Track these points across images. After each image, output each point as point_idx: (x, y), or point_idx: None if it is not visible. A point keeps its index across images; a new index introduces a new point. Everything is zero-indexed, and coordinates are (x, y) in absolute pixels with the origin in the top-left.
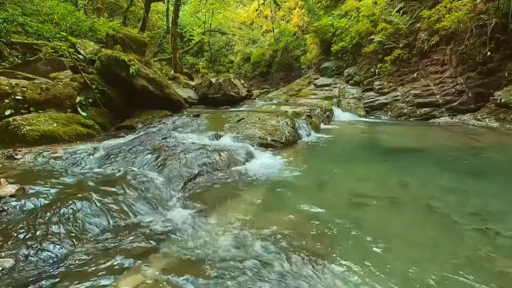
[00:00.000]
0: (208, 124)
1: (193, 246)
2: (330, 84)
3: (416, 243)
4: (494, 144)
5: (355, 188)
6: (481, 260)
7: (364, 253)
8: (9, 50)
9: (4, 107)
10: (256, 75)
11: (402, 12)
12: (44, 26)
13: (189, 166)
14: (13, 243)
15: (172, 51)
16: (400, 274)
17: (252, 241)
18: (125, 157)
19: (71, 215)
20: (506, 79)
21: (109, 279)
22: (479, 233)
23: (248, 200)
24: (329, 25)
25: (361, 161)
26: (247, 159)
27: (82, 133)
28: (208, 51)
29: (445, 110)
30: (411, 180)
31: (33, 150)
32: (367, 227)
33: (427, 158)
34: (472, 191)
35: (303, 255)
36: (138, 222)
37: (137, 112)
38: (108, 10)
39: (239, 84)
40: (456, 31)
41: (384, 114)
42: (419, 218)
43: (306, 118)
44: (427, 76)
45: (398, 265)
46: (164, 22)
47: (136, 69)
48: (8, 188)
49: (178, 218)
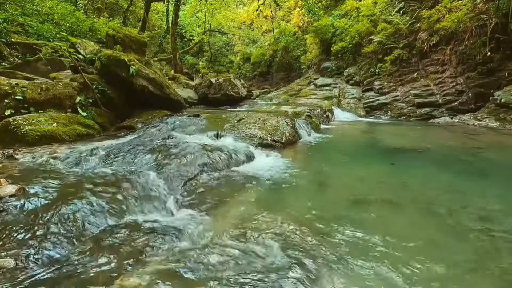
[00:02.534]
0: (208, 124)
1: (193, 247)
2: (330, 84)
3: (416, 243)
4: (494, 144)
5: (355, 188)
6: (482, 260)
7: (364, 253)
8: (9, 50)
9: (4, 107)
10: (256, 75)
11: (402, 12)
12: (44, 26)
13: (189, 166)
14: (13, 243)
15: (172, 51)
16: (400, 274)
17: (252, 241)
18: (125, 157)
19: (71, 215)
20: (506, 79)
21: (108, 279)
22: (480, 233)
23: (248, 200)
24: (329, 25)
25: (361, 161)
26: (247, 159)
27: (82, 133)
28: (208, 51)
29: (445, 110)
30: (411, 180)
31: (33, 150)
32: (367, 227)
33: (427, 158)
34: (472, 191)
35: (303, 255)
36: (138, 222)
37: (137, 112)
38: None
39: (239, 84)
40: (456, 31)
41: (384, 114)
42: (419, 218)
43: (306, 118)
44: (427, 76)
45: (398, 265)
46: (164, 22)
47: (136, 69)
48: (8, 188)
49: (178, 218)
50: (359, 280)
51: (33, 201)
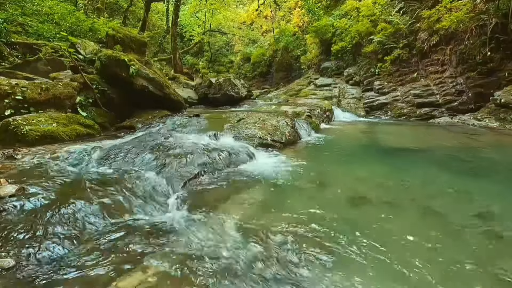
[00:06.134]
0: (208, 124)
1: (193, 247)
2: (330, 84)
3: (416, 243)
4: (494, 144)
5: (355, 188)
6: (482, 261)
7: (365, 253)
8: (9, 50)
9: (4, 107)
10: (256, 75)
11: (402, 12)
12: (44, 26)
13: (189, 166)
14: (13, 243)
15: (172, 51)
16: (400, 274)
17: (251, 242)
18: (125, 157)
19: (71, 215)
20: (506, 79)
21: (108, 279)
22: (480, 234)
23: (248, 200)
24: (329, 25)
25: (361, 161)
26: (247, 159)
27: (82, 133)
28: (208, 51)
29: (445, 110)
30: (411, 180)
31: (33, 150)
32: (367, 227)
33: (427, 158)
34: (472, 191)
35: (302, 255)
36: (138, 222)
37: (137, 112)
38: (108, 10)
39: (239, 84)
40: (456, 31)
41: (384, 114)
42: (420, 219)
43: (306, 118)
44: (427, 76)
45: (399, 266)
46: (164, 22)
47: (136, 69)
48: (8, 188)
49: (178, 218)
50: (359, 281)
51: (33, 201)
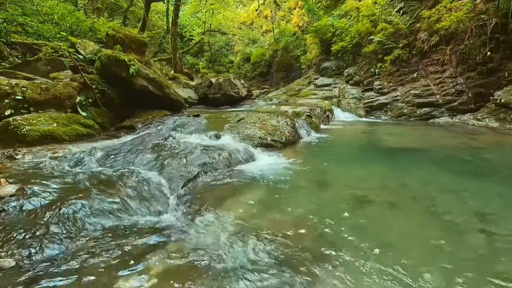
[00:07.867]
0: (208, 124)
1: (193, 247)
2: (330, 84)
3: (416, 244)
4: (494, 144)
5: (355, 188)
6: (482, 261)
7: (365, 254)
8: (9, 50)
9: (4, 107)
10: (256, 75)
11: (402, 12)
12: (44, 26)
13: (189, 166)
14: (13, 243)
15: (172, 51)
16: (400, 275)
17: (252, 242)
18: (125, 157)
19: (71, 215)
20: (506, 79)
21: (108, 280)
22: (480, 234)
23: (248, 200)
24: (329, 25)
25: (361, 161)
26: (247, 159)
27: (82, 133)
28: (208, 51)
29: (445, 110)
30: (411, 180)
31: (33, 150)
32: (367, 227)
33: (427, 158)
34: (472, 191)
35: (302, 256)
36: (138, 222)
37: (137, 112)
38: (108, 10)
39: (239, 84)
40: (456, 31)
41: (384, 114)
42: (420, 219)
43: (306, 118)
44: (427, 76)
45: (398, 266)
46: (164, 22)
47: (136, 69)
48: (8, 188)
49: (178, 218)
50: (358, 281)
51: (33, 201)
